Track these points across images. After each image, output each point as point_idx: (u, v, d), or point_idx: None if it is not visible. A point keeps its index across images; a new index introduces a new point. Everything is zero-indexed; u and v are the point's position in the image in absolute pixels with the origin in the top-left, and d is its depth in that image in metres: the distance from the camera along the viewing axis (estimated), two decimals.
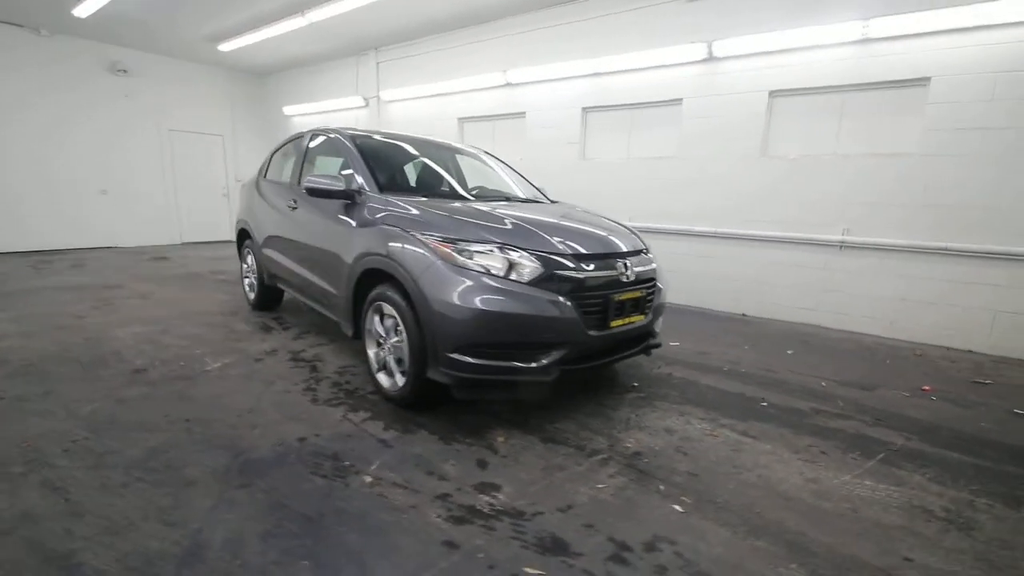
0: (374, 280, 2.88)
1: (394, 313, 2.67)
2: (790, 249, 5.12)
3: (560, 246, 2.55)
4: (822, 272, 4.97)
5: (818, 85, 4.78)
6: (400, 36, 7.73)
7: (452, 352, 2.38)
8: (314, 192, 3.19)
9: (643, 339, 2.97)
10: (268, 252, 4.30)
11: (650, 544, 1.80)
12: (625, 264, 2.72)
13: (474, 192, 3.74)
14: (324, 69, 9.37)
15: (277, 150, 4.73)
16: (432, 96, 7.77)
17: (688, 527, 1.91)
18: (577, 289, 2.49)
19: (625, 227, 3.29)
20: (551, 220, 2.87)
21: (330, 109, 9.40)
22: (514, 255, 2.44)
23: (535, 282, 2.42)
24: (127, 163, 9.05)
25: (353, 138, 3.59)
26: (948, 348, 4.38)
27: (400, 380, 2.73)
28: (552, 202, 3.84)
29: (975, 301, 4.28)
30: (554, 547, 1.76)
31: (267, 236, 4.30)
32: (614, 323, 2.62)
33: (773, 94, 5.03)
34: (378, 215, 2.90)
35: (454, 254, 2.43)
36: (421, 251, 2.51)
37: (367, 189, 3.14)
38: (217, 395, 2.91)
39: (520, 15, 6.55)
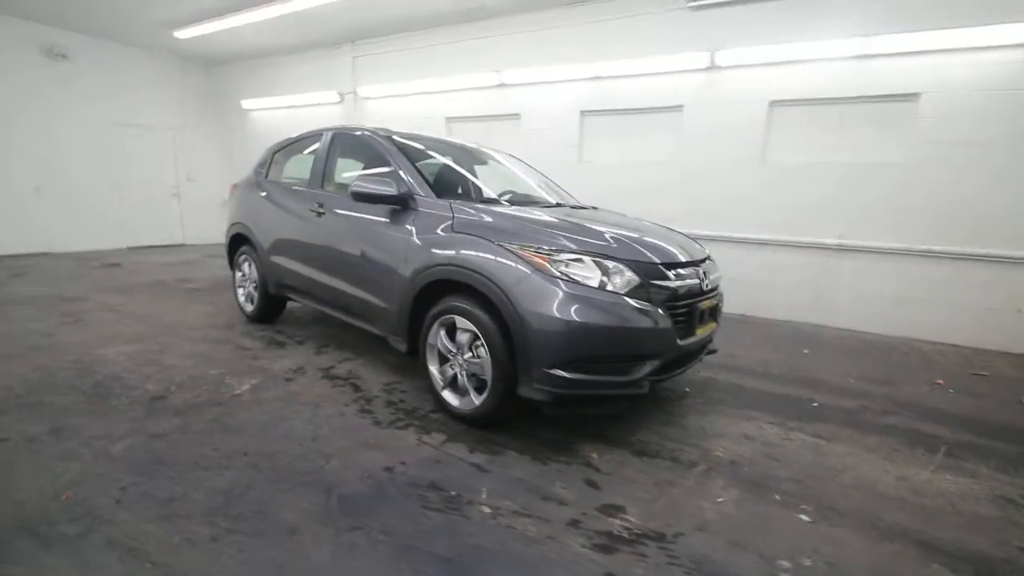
0: (439, 292, 2.71)
1: (471, 327, 2.51)
2: (788, 251, 5.37)
3: (649, 254, 2.50)
4: (819, 273, 5.25)
5: (817, 97, 5.04)
6: (380, 30, 7.40)
7: (551, 368, 2.26)
8: (363, 197, 2.95)
9: (705, 346, 2.98)
10: (278, 260, 3.95)
11: (798, 558, 1.79)
12: (705, 271, 2.72)
13: (506, 197, 3.61)
14: (292, 61, 8.80)
15: (279, 149, 4.37)
16: (417, 94, 7.50)
17: (824, 537, 1.92)
18: (670, 298, 2.46)
19: (684, 234, 3.30)
20: (626, 228, 2.80)
21: (298, 104, 8.86)
22: (609, 264, 2.36)
23: (631, 292, 2.35)
24: (65, 158, 8.06)
25: (391, 139, 3.37)
26: (935, 343, 4.75)
27: (476, 398, 2.57)
28: (593, 208, 3.78)
29: (958, 299, 4.67)
30: (715, 571, 1.71)
31: (276, 242, 3.95)
32: (698, 331, 2.60)
33: (773, 103, 5.25)
34: (444, 223, 2.72)
35: (549, 265, 2.32)
36: (511, 262, 2.37)
37: (421, 194, 2.95)
38: (264, 423, 2.62)
39: (514, 15, 6.45)
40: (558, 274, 2.30)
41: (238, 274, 4.57)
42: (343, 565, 1.66)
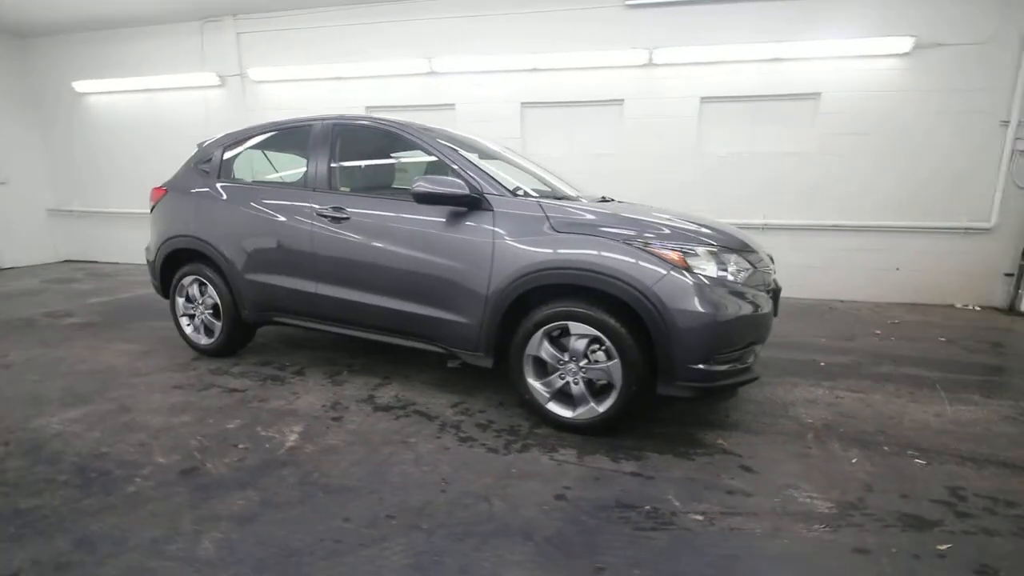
0: (536, 299, 2.51)
1: (590, 332, 2.39)
2: None
3: (746, 243, 2.62)
4: None
5: (740, 94, 5.70)
6: (276, 3, 6.42)
7: (698, 363, 2.27)
8: (429, 198, 2.60)
9: None
10: (262, 278, 3.27)
11: (962, 494, 2.08)
12: (770, 258, 2.94)
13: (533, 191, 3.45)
14: (148, 35, 7.18)
15: (232, 145, 3.59)
16: (330, 79, 6.69)
17: (949, 474, 2.24)
18: (768, 286, 2.62)
19: None
20: (693, 219, 2.88)
21: (158, 87, 7.30)
22: (730, 256, 2.43)
23: (748, 281, 2.46)
24: None
25: (428, 130, 2.99)
26: (843, 301, 5.79)
27: (599, 405, 2.45)
28: (617, 201, 3.80)
29: (856, 263, 5.74)
30: (919, 524, 1.90)
31: (259, 257, 3.26)
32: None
33: (704, 100, 5.80)
34: (538, 223, 2.51)
35: (684, 261, 2.30)
36: (644, 260, 2.30)
37: (494, 192, 2.68)
38: (368, 475, 2.18)
39: None
40: (695, 269, 2.30)
41: (180, 300, 3.66)
42: None
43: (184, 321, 3.70)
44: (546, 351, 2.52)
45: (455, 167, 2.79)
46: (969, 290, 5.49)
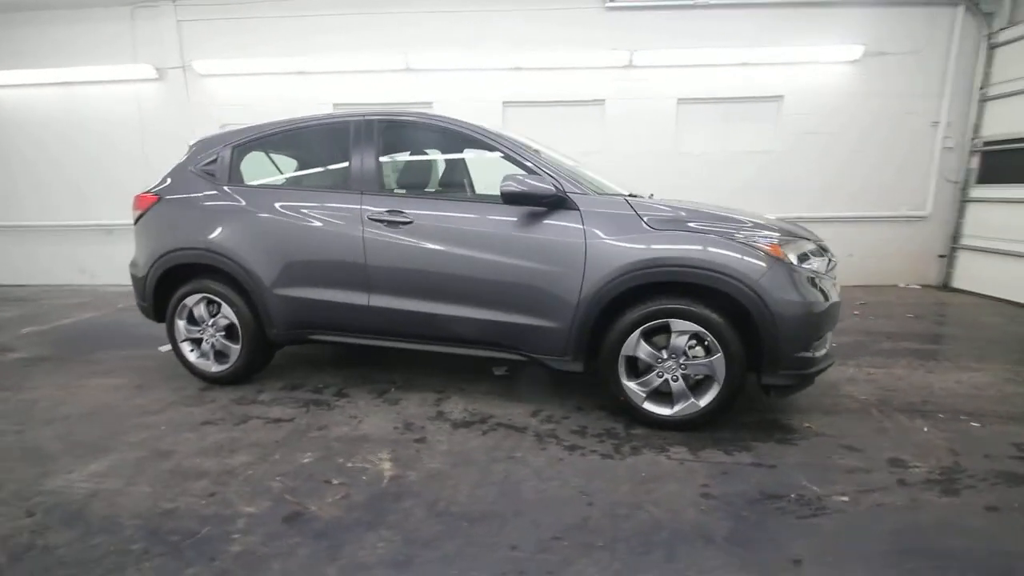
0: (628, 300, 2.47)
1: (691, 328, 2.40)
2: None
3: (817, 237, 2.77)
4: None
5: (712, 96, 6.03)
6: None
7: (800, 351, 2.36)
8: (518, 198, 2.48)
9: None
10: (299, 292, 2.93)
11: None
12: None
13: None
14: (66, 19, 6.17)
15: (243, 143, 3.19)
16: (292, 74, 6.17)
17: (1004, 433, 2.52)
18: (834, 275, 2.78)
19: None
20: (755, 214, 2.98)
21: (79, 80, 6.32)
22: (812, 247, 2.54)
23: (829, 270, 2.60)
24: None
25: (482, 128, 2.84)
26: None
27: (701, 400, 2.47)
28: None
29: None
30: (1017, 479, 2.11)
31: (294, 269, 2.92)
32: None
33: (680, 101, 6.07)
34: (631, 220, 2.48)
35: (783, 254, 2.38)
36: (749, 255, 2.34)
37: (577, 191, 2.61)
38: (495, 498, 2.03)
39: None
40: (791, 261, 2.38)
41: (181, 323, 3.18)
42: None
43: (186, 347, 3.23)
44: (643, 350, 2.49)
45: (528, 164, 2.68)
46: (910, 271, 6.23)
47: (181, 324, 3.19)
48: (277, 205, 2.96)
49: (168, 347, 3.94)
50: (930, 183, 5.98)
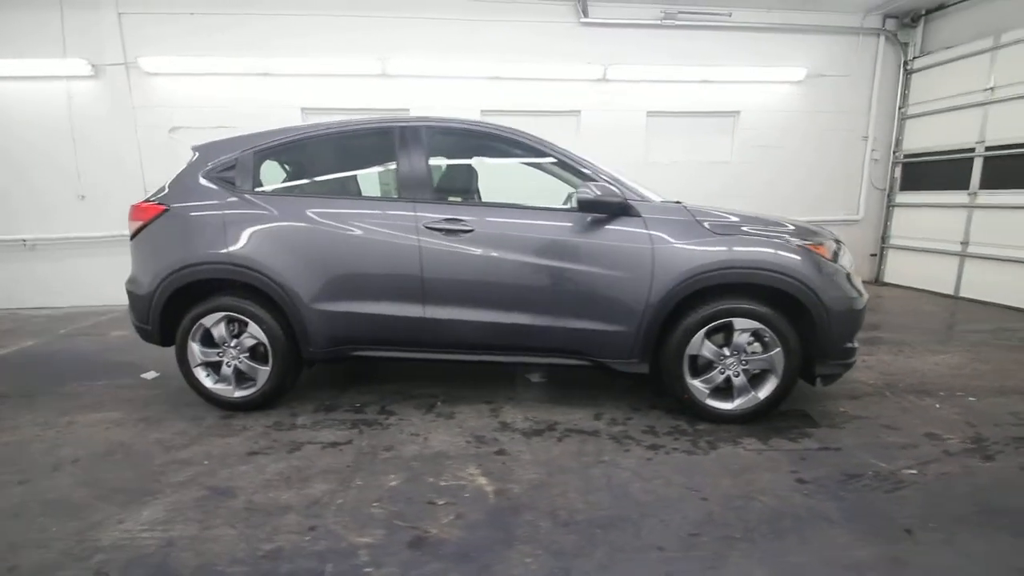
0: (693, 301, 2.60)
1: (752, 326, 2.57)
2: None
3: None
4: None
5: (678, 110, 6.44)
6: None
7: (846, 343, 2.61)
8: (593, 206, 2.56)
9: None
10: (345, 307, 2.76)
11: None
12: None
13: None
14: None
15: (267, 148, 2.95)
16: (256, 75, 5.76)
17: (1006, 404, 2.93)
18: None
19: None
20: (789, 219, 3.22)
21: None
22: (836, 246, 2.81)
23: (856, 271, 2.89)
24: None
25: (536, 137, 2.86)
26: None
27: (762, 393, 2.64)
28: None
29: None
30: None
31: (340, 282, 2.75)
32: None
33: (649, 113, 6.41)
34: (691, 226, 2.62)
35: (828, 253, 2.62)
36: (801, 256, 2.55)
37: (637, 198, 2.70)
38: (611, 503, 2.05)
39: None
40: (836, 261, 2.63)
41: (195, 346, 2.87)
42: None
43: (201, 372, 2.91)
44: (708, 348, 2.62)
45: (587, 171, 2.76)
46: None
47: (196, 347, 2.88)
48: (316, 214, 2.77)
49: (153, 374, 3.57)
50: (861, 190, 6.79)
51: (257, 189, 2.89)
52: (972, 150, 5.56)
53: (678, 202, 2.88)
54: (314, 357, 2.87)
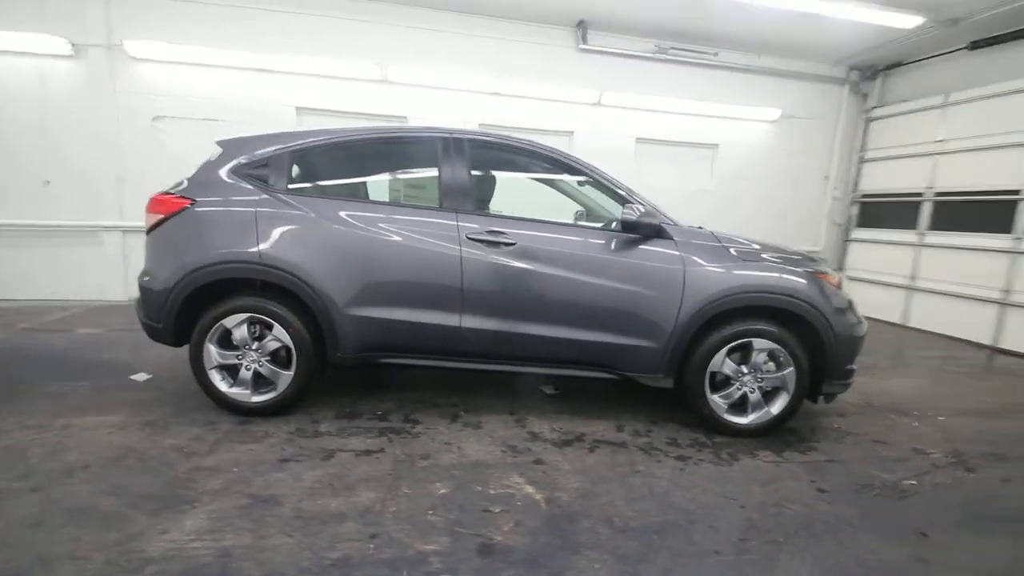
0: (717, 322, 2.78)
1: (770, 346, 2.77)
2: None
3: None
4: None
5: (663, 138, 6.78)
6: None
7: (849, 365, 2.86)
8: (635, 227, 2.72)
9: None
10: (379, 312, 2.75)
11: (991, 437, 3.08)
12: None
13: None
14: None
15: (299, 149, 2.91)
16: (252, 70, 5.59)
17: (970, 424, 3.28)
18: None
19: None
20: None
21: None
22: (838, 277, 3.09)
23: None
24: None
25: (575, 157, 2.99)
26: None
27: (775, 408, 2.83)
28: None
29: None
30: (1002, 456, 2.80)
31: (377, 288, 2.74)
32: None
33: (638, 140, 6.72)
34: (719, 251, 2.81)
35: (836, 282, 2.87)
36: (815, 283, 2.78)
37: (668, 221, 2.87)
38: (656, 510, 2.15)
39: (404, 6, 5.75)
40: (843, 289, 2.89)
41: (212, 348, 2.76)
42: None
43: (216, 376, 2.80)
44: (728, 366, 2.80)
45: (621, 192, 2.93)
46: None
47: (213, 349, 2.76)
48: (355, 218, 2.75)
49: (144, 376, 3.39)
50: (822, 224, 7.37)
51: (291, 189, 2.84)
52: (922, 194, 6.19)
53: (700, 227, 3.06)
54: (341, 363, 2.83)
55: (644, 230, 2.73)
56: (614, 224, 2.89)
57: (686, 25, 6.00)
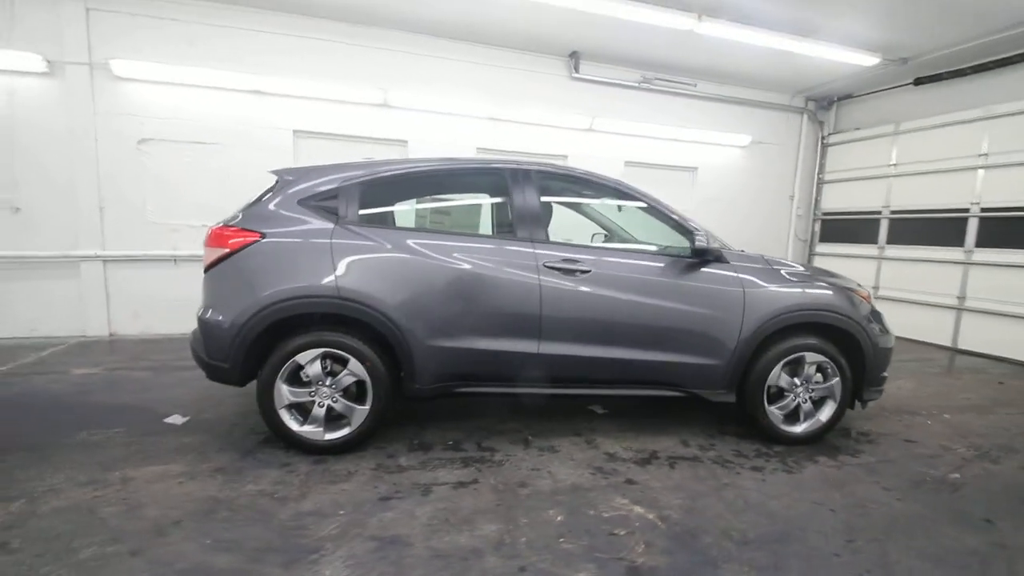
0: (775, 338, 3.00)
1: (819, 359, 3.02)
2: None
3: None
4: None
5: (650, 161, 7.16)
6: None
7: (883, 372, 3.16)
8: (704, 253, 2.90)
9: None
10: (460, 343, 2.75)
11: (1005, 429, 3.48)
12: None
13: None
14: None
15: (371, 181, 2.88)
16: (245, 92, 5.40)
17: (975, 420, 3.69)
18: None
19: None
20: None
21: None
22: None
23: None
24: None
25: (637, 187, 3.16)
26: None
27: (824, 416, 3.08)
28: None
29: None
30: (1013, 447, 3.18)
31: (458, 319, 2.75)
32: None
33: (627, 163, 7.05)
34: (769, 273, 3.04)
35: (870, 298, 3.18)
36: (854, 301, 3.07)
37: (722, 245, 3.08)
38: (766, 523, 2.29)
39: (405, 32, 5.78)
40: (874, 304, 3.20)
41: (284, 386, 2.65)
42: None
43: (285, 415, 2.69)
44: (783, 379, 3.02)
45: (674, 218, 3.13)
46: None
47: (284, 387, 2.66)
48: (429, 248, 2.76)
49: (180, 418, 3.21)
50: (789, 241, 7.99)
51: (362, 221, 2.80)
52: (880, 212, 6.89)
53: (742, 251, 3.30)
54: (417, 395, 2.80)
55: (708, 255, 2.92)
56: (667, 248, 3.06)
57: (668, 59, 6.42)
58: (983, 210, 5.70)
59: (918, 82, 6.39)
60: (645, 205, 3.21)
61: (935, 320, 6.13)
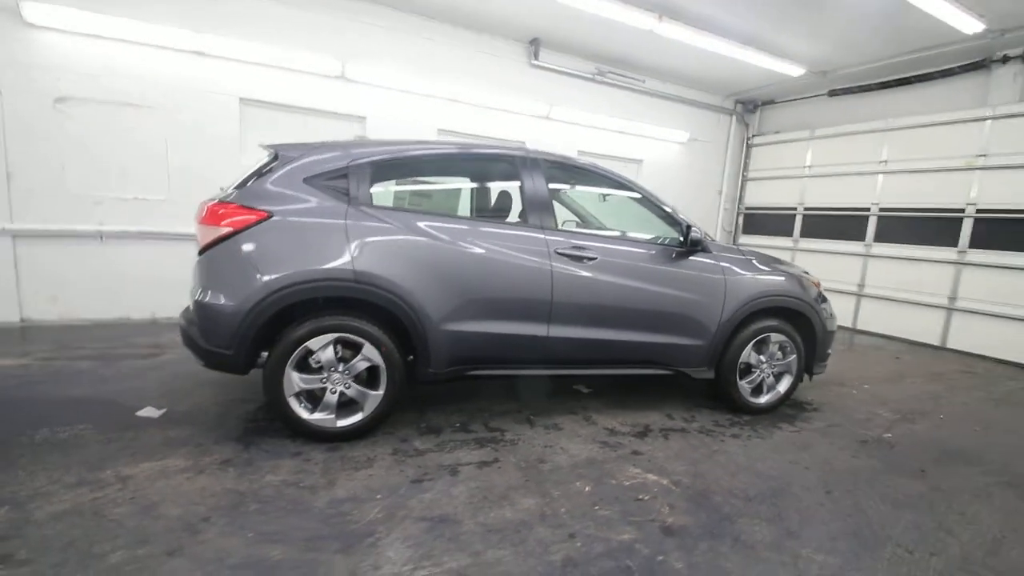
0: (747, 321, 3.37)
1: (781, 338, 3.44)
2: None
3: None
4: None
5: (601, 152, 7.46)
6: None
7: (829, 350, 3.67)
8: (697, 243, 3.13)
9: None
10: (473, 326, 2.80)
11: (919, 398, 4.17)
12: None
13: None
14: None
15: (380, 161, 2.81)
16: (186, 52, 4.86)
17: (888, 391, 4.37)
18: None
19: None
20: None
21: None
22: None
23: None
24: None
25: (635, 181, 3.34)
26: None
27: (782, 387, 3.52)
28: None
29: None
30: (921, 412, 3.84)
31: (472, 303, 2.78)
32: None
33: (580, 153, 7.27)
34: (745, 262, 3.39)
35: (817, 283, 3.65)
36: (809, 287, 3.52)
37: (705, 236, 3.37)
38: (774, 479, 2.62)
39: (365, 2, 5.51)
40: (822, 290, 3.68)
41: (294, 373, 2.56)
42: None
43: (294, 403, 2.59)
44: (753, 357, 3.41)
45: (667, 209, 3.33)
46: None
47: (294, 374, 2.55)
48: (444, 232, 2.76)
49: (155, 411, 3.00)
50: (717, 232, 8.74)
51: (373, 202, 2.72)
52: (795, 208, 7.75)
53: (714, 239, 3.62)
54: (431, 379, 2.81)
55: (699, 245, 3.19)
56: (663, 238, 3.30)
57: (624, 54, 6.70)
58: (882, 210, 6.64)
59: (832, 93, 7.24)
60: (640, 196, 3.39)
61: (839, 306, 7.05)
